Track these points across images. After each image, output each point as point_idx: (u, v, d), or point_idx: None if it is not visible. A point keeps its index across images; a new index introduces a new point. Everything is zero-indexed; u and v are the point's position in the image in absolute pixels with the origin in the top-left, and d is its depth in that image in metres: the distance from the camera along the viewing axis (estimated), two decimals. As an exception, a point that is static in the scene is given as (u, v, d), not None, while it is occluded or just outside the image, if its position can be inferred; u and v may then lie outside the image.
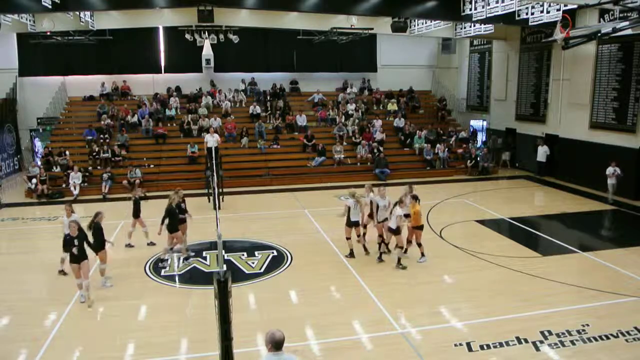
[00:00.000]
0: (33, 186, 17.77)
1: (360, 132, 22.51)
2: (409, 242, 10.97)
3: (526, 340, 7.47)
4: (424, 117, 25.16)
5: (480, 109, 25.42)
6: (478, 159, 21.19)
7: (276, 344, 4.13)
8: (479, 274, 10.20)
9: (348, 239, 11.07)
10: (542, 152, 20.16)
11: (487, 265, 10.73)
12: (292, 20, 19.58)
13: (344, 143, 21.79)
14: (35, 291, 9.73)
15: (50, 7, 13.38)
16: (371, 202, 11.05)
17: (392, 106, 24.94)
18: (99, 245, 9.55)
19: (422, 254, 10.85)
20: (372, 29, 19.91)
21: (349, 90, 25.64)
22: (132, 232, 12.11)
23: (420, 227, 10.75)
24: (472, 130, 25.34)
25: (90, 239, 9.26)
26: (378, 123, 22.99)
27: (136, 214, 11.97)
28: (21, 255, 11.95)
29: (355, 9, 16.85)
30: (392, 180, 20.18)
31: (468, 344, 7.39)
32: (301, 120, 22.87)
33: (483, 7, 15.12)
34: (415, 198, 10.53)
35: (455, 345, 7.39)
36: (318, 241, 12.34)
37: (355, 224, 10.93)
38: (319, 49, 24.18)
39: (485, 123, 24.96)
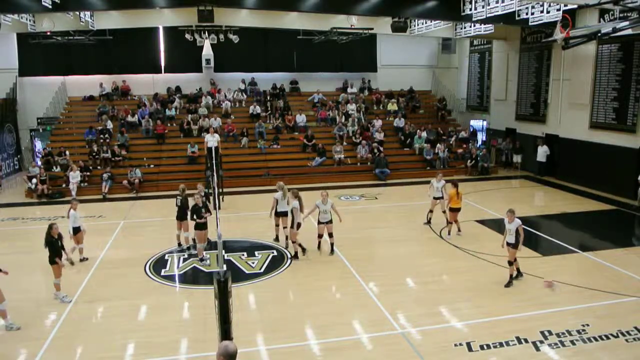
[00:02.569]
0: (33, 186, 17.77)
1: (360, 132, 22.51)
2: (450, 222, 12.71)
3: (526, 340, 7.47)
4: (424, 117, 25.14)
5: (480, 109, 25.41)
6: (478, 158, 21.19)
7: (230, 357, 4.13)
8: (479, 274, 10.20)
9: (277, 225, 12.02)
10: (542, 152, 20.17)
11: (487, 265, 10.74)
12: (292, 20, 19.58)
13: (344, 143, 21.79)
14: (35, 291, 9.73)
15: (50, 7, 13.37)
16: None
17: (392, 106, 24.92)
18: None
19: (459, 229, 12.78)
20: (372, 29, 19.89)
21: (349, 90, 25.64)
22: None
23: (457, 209, 12.50)
24: (472, 130, 25.33)
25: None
26: (378, 123, 23.00)
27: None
28: (21, 255, 11.93)
29: (355, 9, 16.85)
30: (392, 180, 20.20)
31: (468, 344, 7.39)
32: (301, 119, 22.88)
33: (483, 7, 15.12)
34: (454, 184, 12.41)
35: (455, 345, 7.40)
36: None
37: (283, 214, 11.73)
38: (319, 49, 24.16)
39: (485, 123, 24.96)
